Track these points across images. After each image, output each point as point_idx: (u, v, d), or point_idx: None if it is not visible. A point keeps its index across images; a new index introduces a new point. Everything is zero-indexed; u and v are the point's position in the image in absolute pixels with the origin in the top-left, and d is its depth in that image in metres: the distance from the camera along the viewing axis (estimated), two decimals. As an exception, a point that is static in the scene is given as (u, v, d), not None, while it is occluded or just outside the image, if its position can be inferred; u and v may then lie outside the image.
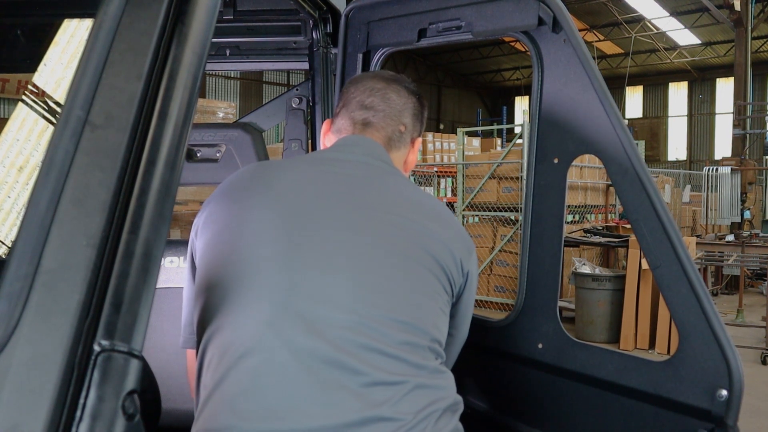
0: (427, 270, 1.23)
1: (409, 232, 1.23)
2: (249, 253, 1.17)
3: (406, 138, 1.43)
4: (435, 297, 1.24)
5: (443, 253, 1.25)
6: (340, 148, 1.37)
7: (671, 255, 1.24)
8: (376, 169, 1.33)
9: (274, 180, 1.27)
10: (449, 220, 1.33)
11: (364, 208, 1.23)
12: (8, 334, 0.65)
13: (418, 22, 1.69)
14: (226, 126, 2.33)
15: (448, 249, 1.26)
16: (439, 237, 1.26)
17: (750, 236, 9.69)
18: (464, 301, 1.37)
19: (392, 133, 1.41)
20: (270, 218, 1.20)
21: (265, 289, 1.14)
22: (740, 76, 14.49)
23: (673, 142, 26.15)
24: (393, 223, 1.23)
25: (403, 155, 1.45)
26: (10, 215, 2.28)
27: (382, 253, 1.19)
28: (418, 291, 1.21)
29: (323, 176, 1.28)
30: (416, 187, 1.37)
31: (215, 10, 0.86)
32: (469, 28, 1.60)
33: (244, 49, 2.43)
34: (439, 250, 1.25)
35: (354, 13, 1.85)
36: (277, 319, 1.11)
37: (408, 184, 1.35)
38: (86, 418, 0.63)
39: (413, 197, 1.31)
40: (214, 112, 7.54)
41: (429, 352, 1.19)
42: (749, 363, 6.47)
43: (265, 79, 22.45)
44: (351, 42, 1.87)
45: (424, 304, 1.21)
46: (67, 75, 2.27)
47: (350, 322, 1.12)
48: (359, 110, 1.41)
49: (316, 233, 1.19)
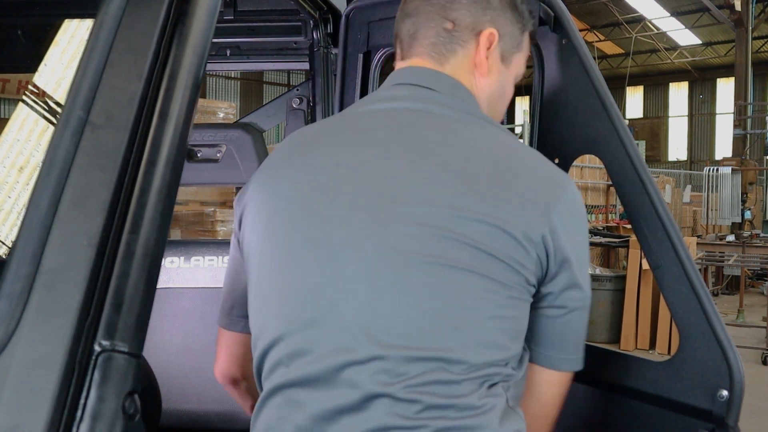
0: (467, 271, 0.92)
1: (440, 227, 0.92)
2: (253, 261, 1.03)
3: (461, 36, 1.06)
4: (483, 301, 0.93)
5: (495, 237, 0.92)
6: (380, 94, 1.09)
7: (672, 255, 1.24)
8: (417, 118, 1.02)
9: (292, 172, 1.03)
10: (518, 177, 0.97)
11: (380, 207, 0.95)
12: (9, 334, 0.65)
13: (419, 22, 1.69)
14: (227, 126, 2.33)
15: (507, 228, 0.92)
16: (492, 215, 0.92)
17: (750, 236, 9.69)
18: (555, 291, 1.00)
19: (436, 39, 1.07)
20: (273, 235, 1.00)
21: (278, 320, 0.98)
22: (741, 76, 14.49)
23: (673, 142, 26.13)
24: (419, 220, 0.93)
25: (464, 61, 1.07)
26: (11, 215, 2.28)
27: (401, 268, 0.92)
28: (454, 307, 0.92)
29: (344, 156, 1.00)
30: (473, 127, 1.02)
31: (216, 10, 0.86)
32: (469, 28, 1.59)
33: (245, 50, 2.43)
34: (488, 234, 0.92)
35: (354, 14, 1.85)
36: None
37: (459, 129, 1.01)
38: (87, 419, 0.63)
39: (461, 154, 0.97)
40: (214, 113, 7.54)
41: (468, 384, 0.91)
42: (750, 363, 6.47)
43: (266, 80, 22.45)
44: (351, 42, 1.87)
45: (464, 324, 0.92)
46: (68, 75, 2.27)
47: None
48: (402, 21, 1.10)
49: (321, 247, 0.96)
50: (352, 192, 0.97)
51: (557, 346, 1.05)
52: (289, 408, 0.93)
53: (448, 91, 1.05)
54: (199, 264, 2.27)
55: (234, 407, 2.28)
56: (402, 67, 1.09)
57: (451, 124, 1.01)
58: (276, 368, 0.97)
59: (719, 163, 12.93)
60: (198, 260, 2.28)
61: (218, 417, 2.26)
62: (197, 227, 6.34)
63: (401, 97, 1.05)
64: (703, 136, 25.50)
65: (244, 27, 2.29)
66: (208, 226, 6.27)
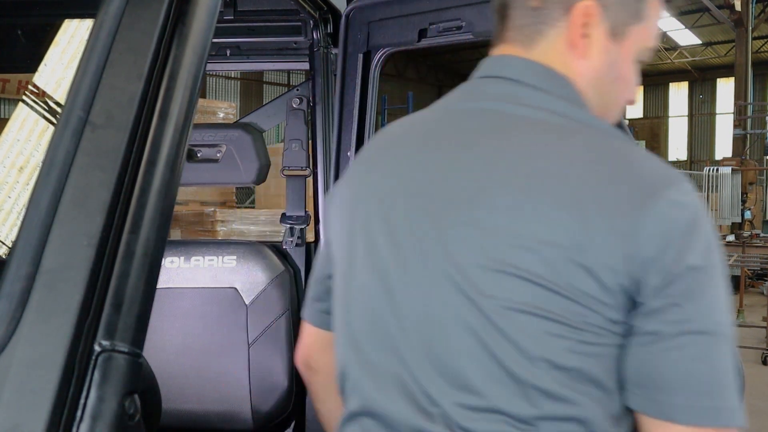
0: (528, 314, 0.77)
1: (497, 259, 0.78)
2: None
3: (550, 14, 0.88)
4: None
5: (557, 265, 0.76)
6: (468, 88, 0.95)
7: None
8: (502, 122, 0.87)
9: (373, 170, 0.95)
10: (607, 193, 0.77)
11: (433, 226, 0.84)
12: (9, 334, 0.65)
13: (419, 22, 1.69)
14: (227, 126, 2.33)
15: (573, 256, 0.75)
16: (557, 242, 0.76)
17: (750, 236, 9.70)
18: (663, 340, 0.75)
19: (523, 21, 0.90)
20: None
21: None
22: (741, 76, 14.49)
23: (673, 142, 26.13)
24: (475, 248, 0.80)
25: (557, 43, 0.89)
26: (11, 215, 2.28)
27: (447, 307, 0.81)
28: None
29: (410, 165, 0.90)
30: (556, 131, 0.84)
31: (216, 10, 0.85)
32: (469, 29, 1.59)
33: (245, 50, 2.43)
34: (545, 262, 0.76)
35: (354, 14, 1.85)
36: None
37: (534, 138, 0.84)
38: (87, 419, 0.63)
39: (542, 165, 0.80)
40: (214, 113, 7.54)
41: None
42: (750, 363, 6.47)
43: (266, 80, 22.44)
44: (351, 42, 1.87)
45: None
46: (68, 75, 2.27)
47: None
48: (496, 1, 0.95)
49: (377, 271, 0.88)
50: (412, 205, 0.87)
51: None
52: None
53: (536, 83, 0.88)
54: (199, 264, 2.27)
55: (234, 407, 2.29)
56: (492, 55, 0.95)
57: (528, 130, 0.85)
58: (352, 394, 0.92)
59: (719, 163, 12.94)
60: (198, 260, 2.27)
61: (218, 417, 2.26)
62: (197, 227, 6.34)
63: (485, 95, 0.91)
64: (703, 136, 25.51)
65: (244, 27, 2.29)
66: (208, 226, 6.27)
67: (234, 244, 2.30)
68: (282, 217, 2.34)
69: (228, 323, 2.25)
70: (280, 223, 2.34)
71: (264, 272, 2.22)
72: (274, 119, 2.41)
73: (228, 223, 6.27)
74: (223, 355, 2.25)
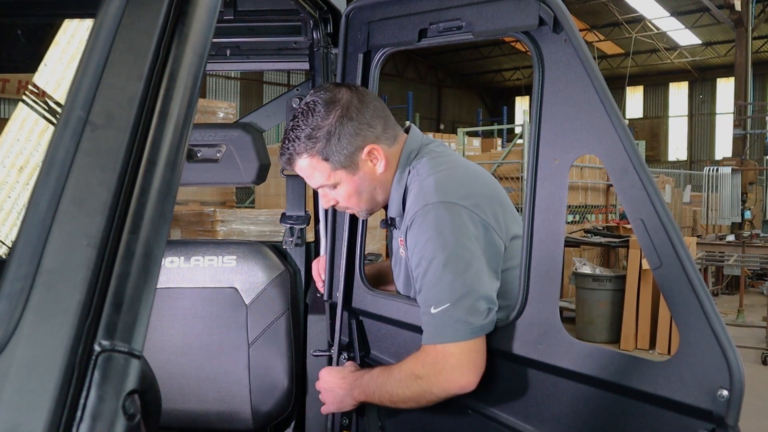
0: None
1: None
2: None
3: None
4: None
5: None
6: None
7: (672, 255, 1.23)
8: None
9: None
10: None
11: None
12: (9, 334, 0.65)
13: (419, 22, 1.69)
14: (227, 126, 2.33)
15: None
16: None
17: (750, 236, 9.69)
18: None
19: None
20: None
21: None
22: (741, 76, 14.49)
23: (673, 142, 26.13)
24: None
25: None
26: (11, 215, 2.28)
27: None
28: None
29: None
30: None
31: (216, 10, 0.85)
32: (469, 29, 1.59)
33: (245, 50, 2.43)
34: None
35: (354, 14, 1.85)
36: None
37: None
38: (86, 419, 0.63)
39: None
40: (214, 112, 7.54)
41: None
42: (750, 363, 6.47)
43: (266, 80, 22.45)
44: (351, 42, 1.87)
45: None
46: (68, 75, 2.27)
47: None
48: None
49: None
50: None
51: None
52: None
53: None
54: (199, 264, 2.27)
55: (234, 407, 2.29)
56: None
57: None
58: None
59: (719, 163, 12.93)
60: (198, 260, 2.28)
61: (218, 417, 2.26)
62: (197, 227, 6.34)
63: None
64: (703, 136, 25.51)
65: (244, 27, 2.28)
66: (208, 226, 6.28)
67: (234, 244, 2.30)
68: (282, 217, 2.34)
69: (228, 323, 2.25)
70: (280, 223, 2.34)
71: (264, 272, 2.22)
72: (274, 119, 2.41)
73: (228, 223, 6.27)
74: (223, 355, 2.25)
